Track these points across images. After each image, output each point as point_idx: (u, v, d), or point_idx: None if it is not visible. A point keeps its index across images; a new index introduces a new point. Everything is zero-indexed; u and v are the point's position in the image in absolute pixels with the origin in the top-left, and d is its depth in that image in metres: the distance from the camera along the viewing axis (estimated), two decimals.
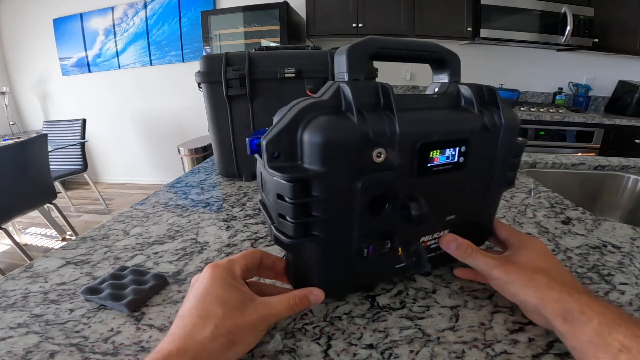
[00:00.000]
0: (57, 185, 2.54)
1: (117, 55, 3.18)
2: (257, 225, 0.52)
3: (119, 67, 3.21)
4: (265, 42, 2.37)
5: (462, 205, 0.35)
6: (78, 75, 3.34)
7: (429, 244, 0.35)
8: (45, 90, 3.50)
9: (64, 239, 2.30)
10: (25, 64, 3.46)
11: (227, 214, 0.56)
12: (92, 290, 0.35)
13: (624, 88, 2.35)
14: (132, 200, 3.11)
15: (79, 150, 2.65)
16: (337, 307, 0.33)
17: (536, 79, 2.71)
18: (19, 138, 2.74)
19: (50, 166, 1.95)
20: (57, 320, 0.32)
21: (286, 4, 2.25)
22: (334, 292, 0.33)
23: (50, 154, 1.95)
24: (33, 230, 2.50)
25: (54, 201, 1.98)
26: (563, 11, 2.18)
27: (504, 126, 0.32)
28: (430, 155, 0.30)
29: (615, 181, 0.85)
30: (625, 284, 0.36)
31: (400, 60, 0.33)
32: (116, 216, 0.56)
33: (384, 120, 0.27)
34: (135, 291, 0.34)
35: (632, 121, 2.08)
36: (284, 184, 0.26)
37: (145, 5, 3.00)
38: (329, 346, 0.29)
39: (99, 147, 3.59)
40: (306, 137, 0.26)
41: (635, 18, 2.24)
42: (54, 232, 2.30)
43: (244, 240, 0.48)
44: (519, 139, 0.35)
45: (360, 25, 2.38)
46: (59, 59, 3.33)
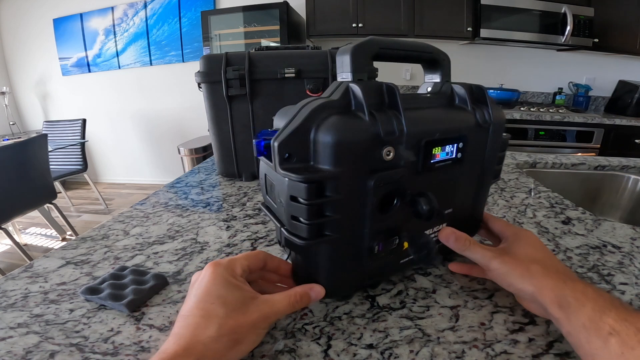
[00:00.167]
0: (57, 185, 2.54)
1: (117, 55, 3.18)
2: (257, 225, 0.52)
3: (119, 67, 3.21)
4: (265, 42, 2.37)
5: (458, 198, 0.37)
6: (78, 75, 3.34)
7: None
8: (45, 90, 3.50)
9: (64, 239, 2.30)
10: (25, 64, 3.46)
11: (227, 214, 0.56)
12: (92, 290, 0.35)
13: (624, 88, 2.34)
14: (132, 200, 3.11)
15: (79, 150, 2.65)
16: (337, 307, 0.33)
17: (536, 79, 2.71)
18: (19, 138, 2.74)
19: (50, 166, 1.95)
20: (57, 320, 0.32)
21: (286, 4, 2.25)
22: (344, 291, 0.34)
23: (50, 154, 1.95)
24: (33, 230, 2.50)
25: (54, 201, 1.98)
26: (563, 11, 2.18)
27: (493, 122, 0.34)
28: (433, 152, 0.31)
29: (615, 181, 0.85)
30: (625, 284, 0.36)
31: (398, 61, 0.34)
32: (116, 216, 0.56)
33: (392, 119, 0.27)
34: (135, 291, 0.34)
35: (632, 121, 2.08)
36: (299, 185, 0.26)
37: (145, 5, 3.00)
38: (329, 346, 0.29)
39: (99, 147, 3.60)
40: (320, 138, 0.26)
41: (635, 18, 2.24)
42: (54, 232, 2.30)
43: (244, 240, 0.48)
44: (504, 135, 0.37)
45: (360, 25, 2.38)
46: (59, 59, 3.33)
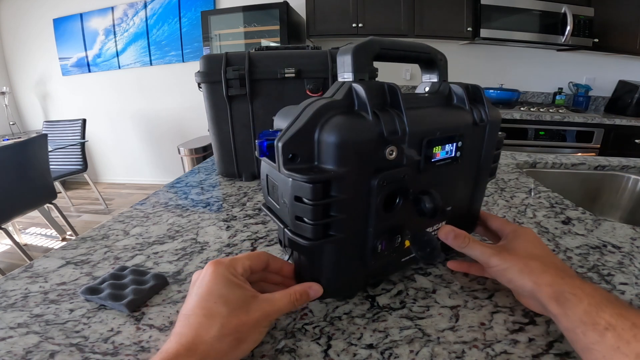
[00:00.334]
0: (57, 185, 2.54)
1: (117, 55, 3.18)
2: (257, 225, 0.52)
3: (119, 67, 3.21)
4: (265, 42, 2.37)
5: (457, 196, 0.37)
6: (78, 75, 3.34)
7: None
8: (45, 90, 3.50)
9: (64, 239, 2.30)
10: (25, 64, 3.46)
11: (227, 214, 0.56)
12: (92, 290, 0.35)
13: (624, 88, 2.34)
14: (132, 200, 3.11)
15: (79, 150, 2.65)
16: (337, 307, 0.33)
17: (536, 79, 2.71)
18: (19, 138, 2.74)
19: (50, 166, 1.95)
20: (57, 320, 0.32)
21: (286, 4, 2.25)
22: (347, 291, 0.34)
23: (50, 154, 1.95)
24: (33, 230, 2.50)
25: (54, 201, 1.98)
26: (563, 11, 2.18)
27: (489, 121, 0.35)
28: (434, 150, 0.31)
29: (615, 181, 0.85)
30: (625, 284, 0.36)
31: (397, 61, 0.34)
32: (116, 216, 0.56)
33: (394, 119, 0.28)
34: (135, 291, 0.34)
35: (632, 121, 2.08)
36: (304, 185, 0.25)
37: (145, 5, 3.00)
38: (329, 346, 0.29)
39: (99, 147, 3.59)
40: (325, 138, 0.26)
41: (635, 18, 2.24)
42: (54, 232, 2.29)
43: (244, 240, 0.48)
44: (499, 133, 0.38)
45: (360, 25, 2.38)
46: (59, 59, 3.33)
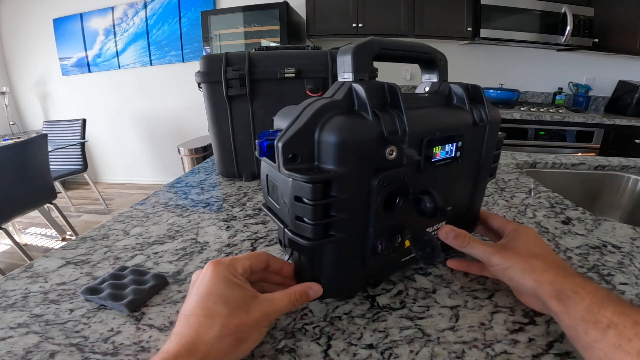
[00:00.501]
0: (57, 185, 2.54)
1: (117, 55, 3.18)
2: (257, 225, 0.52)
3: (119, 67, 3.21)
4: (265, 42, 2.37)
5: (457, 196, 0.37)
6: (78, 75, 3.34)
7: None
8: (45, 90, 3.50)
9: (64, 239, 2.30)
10: (25, 64, 3.46)
11: (227, 214, 0.56)
12: (92, 290, 0.35)
13: (624, 88, 2.34)
14: (132, 200, 3.11)
15: (79, 150, 2.65)
16: (337, 307, 0.33)
17: (536, 79, 2.71)
18: (19, 138, 2.74)
19: (50, 166, 1.94)
20: (57, 320, 0.32)
21: (286, 4, 2.25)
22: (347, 291, 0.34)
23: (50, 154, 1.95)
24: (33, 230, 2.50)
25: (54, 201, 1.97)
26: (563, 11, 2.18)
27: (489, 121, 0.35)
28: (434, 150, 0.31)
29: (615, 181, 0.85)
30: (625, 284, 0.36)
31: (397, 61, 0.34)
32: (116, 216, 0.56)
33: (394, 119, 0.28)
34: (135, 291, 0.34)
35: (632, 121, 2.07)
36: (304, 185, 0.25)
37: (145, 5, 3.00)
38: (329, 346, 0.29)
39: (99, 147, 3.59)
40: (325, 138, 0.26)
41: (635, 18, 2.24)
42: (54, 232, 2.29)
43: (244, 240, 0.48)
44: (499, 133, 0.38)
45: (360, 25, 2.37)
46: (59, 59, 3.32)
